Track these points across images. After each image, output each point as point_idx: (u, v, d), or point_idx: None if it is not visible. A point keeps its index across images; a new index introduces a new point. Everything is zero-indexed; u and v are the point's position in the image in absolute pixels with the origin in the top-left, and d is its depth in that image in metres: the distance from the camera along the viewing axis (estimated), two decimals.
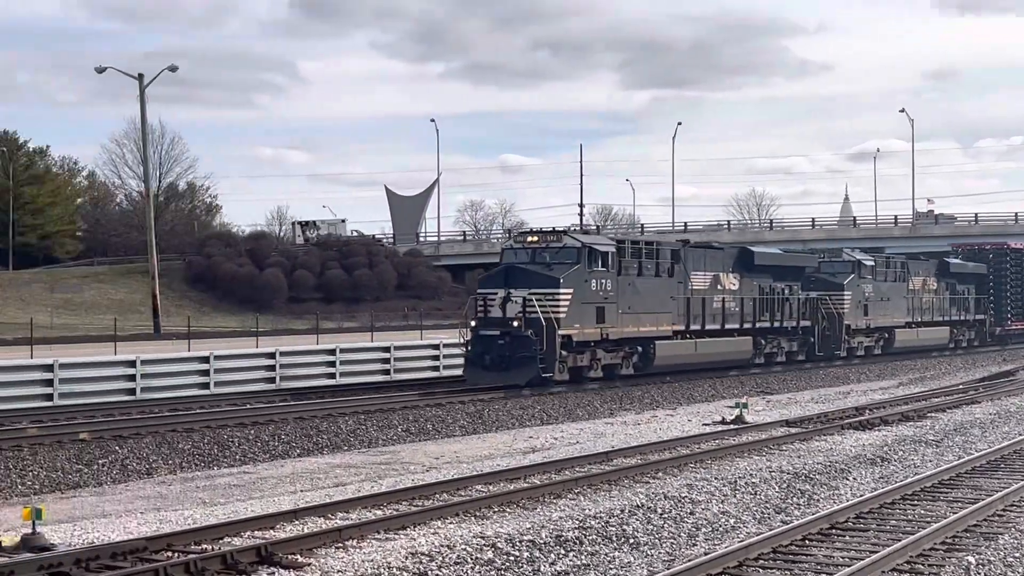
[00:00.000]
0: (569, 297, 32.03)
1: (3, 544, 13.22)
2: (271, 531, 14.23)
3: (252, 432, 24.27)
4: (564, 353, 32.23)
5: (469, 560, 12.87)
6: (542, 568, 12.79)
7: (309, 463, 22.27)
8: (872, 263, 49.82)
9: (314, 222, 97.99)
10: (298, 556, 12.86)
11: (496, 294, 32.14)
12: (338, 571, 12.32)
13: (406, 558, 12.84)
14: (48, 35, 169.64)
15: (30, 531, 13.43)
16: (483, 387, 31.64)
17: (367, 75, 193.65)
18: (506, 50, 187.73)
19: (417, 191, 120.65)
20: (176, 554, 12.89)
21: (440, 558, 12.88)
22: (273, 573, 12.22)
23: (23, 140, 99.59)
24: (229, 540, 13.71)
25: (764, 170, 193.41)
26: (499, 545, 13.52)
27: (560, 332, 31.72)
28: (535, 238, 33.61)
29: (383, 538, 13.90)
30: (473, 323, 32.45)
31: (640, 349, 35.31)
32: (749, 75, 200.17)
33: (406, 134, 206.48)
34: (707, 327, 38.46)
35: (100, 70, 59.08)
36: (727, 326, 39.67)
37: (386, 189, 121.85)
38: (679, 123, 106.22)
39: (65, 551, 12.76)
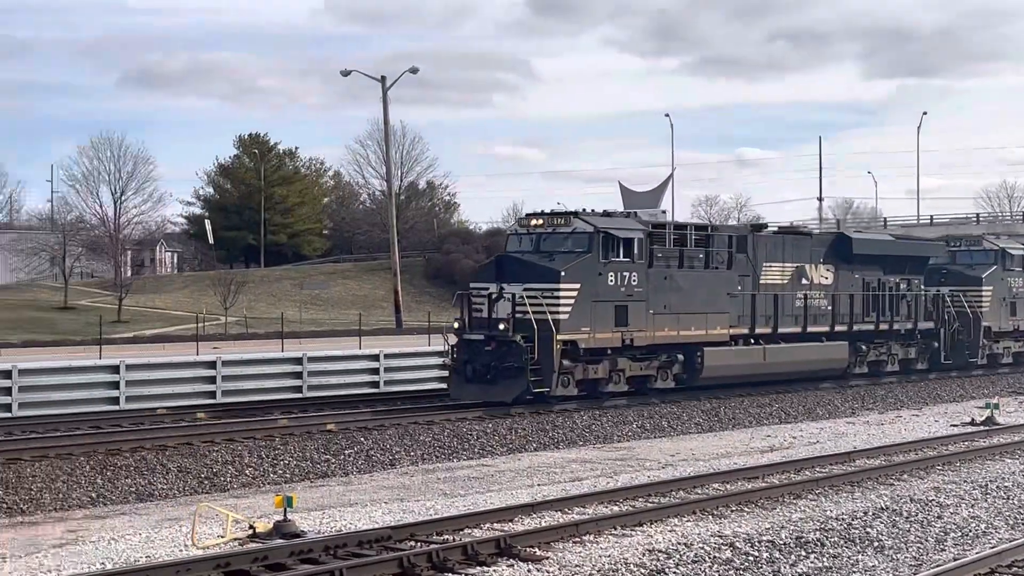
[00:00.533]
0: (574, 294, 26.40)
1: (257, 530, 13.85)
2: (509, 524, 14.45)
3: (490, 426, 24.69)
4: (567, 363, 26.57)
5: (707, 559, 12.76)
6: (782, 569, 12.57)
7: (545, 457, 22.49)
8: (1022, 252, 41.10)
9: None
10: (536, 549, 13.02)
11: (486, 289, 27.08)
12: (575, 565, 12.40)
13: (643, 555, 12.83)
14: (296, 41, 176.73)
15: (282, 518, 14.02)
16: (466, 403, 26.74)
17: (601, 72, 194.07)
18: (743, 43, 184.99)
19: (651, 186, 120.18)
20: (419, 544, 13.24)
21: (677, 556, 12.82)
22: (512, 565, 12.40)
23: (274, 142, 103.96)
24: (469, 531, 13.98)
25: (1017, 160, 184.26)
26: (737, 545, 13.37)
27: (560, 337, 26.09)
28: (539, 221, 27.67)
29: (620, 534, 13.93)
30: (456, 324, 27.56)
31: (681, 357, 29.15)
32: (1000, 61, 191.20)
33: (640, 130, 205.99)
34: (781, 330, 31.72)
35: (345, 73, 61.00)
36: (812, 328, 32.74)
37: (620, 185, 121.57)
38: (924, 113, 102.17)
39: (315, 538, 13.28)
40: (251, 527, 13.93)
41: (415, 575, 12.04)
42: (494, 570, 12.24)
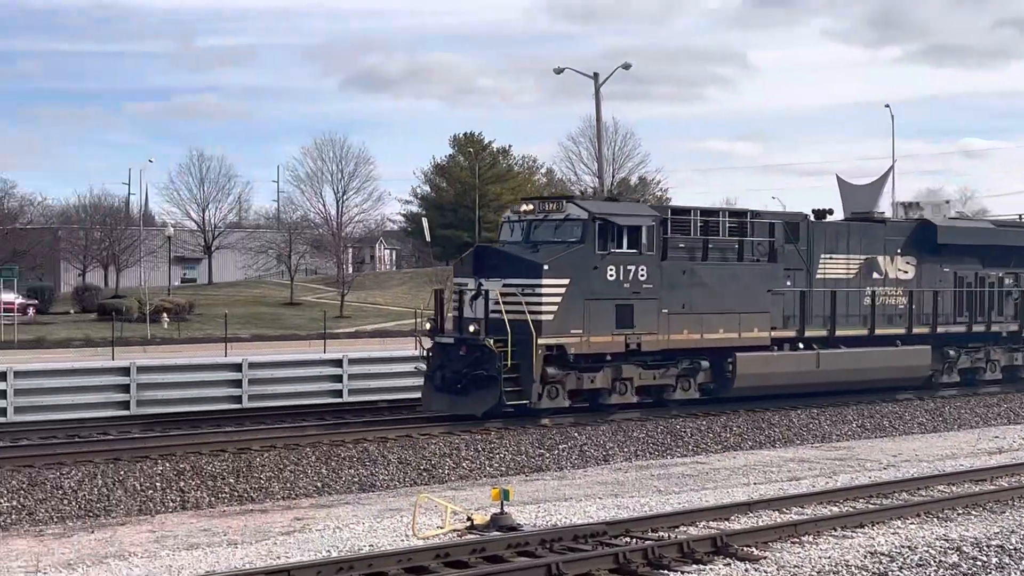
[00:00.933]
0: (560, 290, 22.97)
1: (475, 522, 14.11)
2: (725, 522, 14.33)
3: (704, 423, 24.49)
4: (553, 371, 23.15)
5: (932, 563, 12.38)
6: (1012, 575, 12.09)
7: (761, 455, 22.21)
8: None
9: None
10: (753, 549, 12.86)
11: (465, 285, 23.89)
12: (794, 566, 12.20)
13: (864, 557, 12.54)
14: (511, 40, 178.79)
15: (499, 511, 14.24)
16: (435, 415, 23.77)
17: (819, 63, 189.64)
18: (968, 30, 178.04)
19: (870, 179, 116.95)
20: (634, 540, 13.24)
21: (901, 559, 12.48)
22: (729, 564, 12.28)
23: (487, 141, 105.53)
24: (684, 529, 13.92)
25: None
26: (964, 549, 12.93)
27: (542, 341, 22.63)
28: (529, 207, 24.51)
29: (840, 535, 13.64)
30: (428, 325, 24.73)
31: (706, 364, 25.33)
32: None
33: (859, 121, 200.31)
34: (840, 332, 27.42)
35: (558, 71, 61.35)
36: (883, 330, 28.30)
37: (837, 178, 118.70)
38: None
39: (531, 531, 13.43)
40: (469, 519, 14.20)
41: (631, 571, 12.05)
42: (711, 568, 12.14)
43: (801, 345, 26.75)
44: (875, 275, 28.50)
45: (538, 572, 11.76)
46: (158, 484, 18.14)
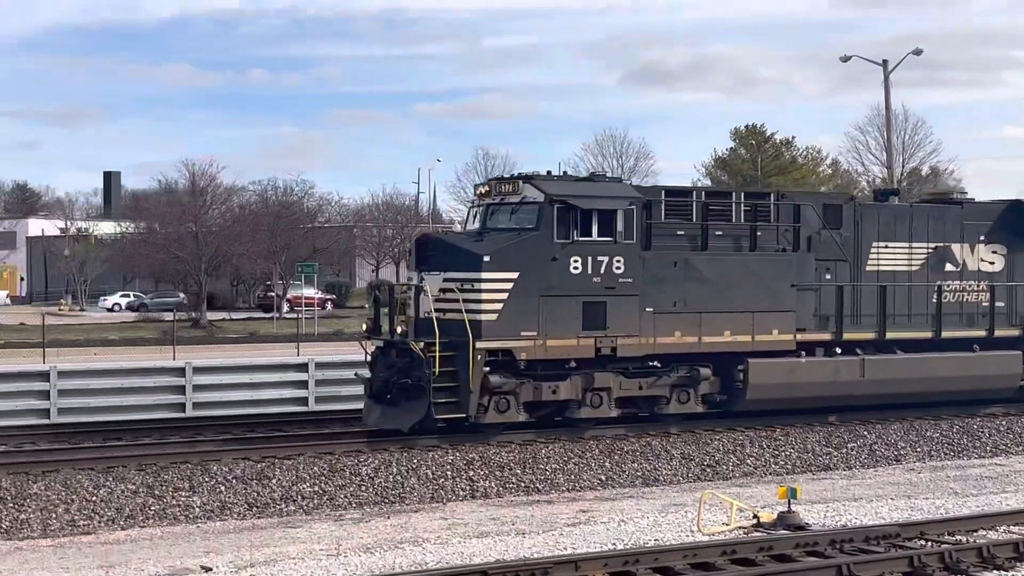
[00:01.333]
0: (507, 286, 19.72)
1: (761, 520, 13.96)
2: None
3: (1003, 423, 23.37)
4: (499, 380, 19.77)
5: None
6: None
7: None
8: None
9: None
10: None
11: (412, 280, 21.13)
12: None
13: None
14: (795, 29, 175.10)
15: (786, 509, 14.05)
16: (371, 430, 20.79)
17: None
18: None
19: None
20: (929, 543, 12.80)
21: None
22: None
23: (770, 132, 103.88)
24: (984, 533, 13.37)
25: None
26: None
27: (482, 344, 19.49)
28: (485, 189, 21.39)
29: None
30: (364, 326, 22.13)
31: (708, 372, 21.38)
32: None
33: None
34: (893, 334, 23.02)
35: (845, 59, 59.78)
36: (954, 332, 23.73)
37: None
38: None
39: (819, 531, 13.19)
40: (755, 516, 14.06)
41: (926, 575, 11.65)
42: (1012, 575, 11.61)
43: (839, 350, 22.62)
44: (948, 266, 24.06)
45: (828, 573, 11.56)
46: (448, 473, 18.73)
